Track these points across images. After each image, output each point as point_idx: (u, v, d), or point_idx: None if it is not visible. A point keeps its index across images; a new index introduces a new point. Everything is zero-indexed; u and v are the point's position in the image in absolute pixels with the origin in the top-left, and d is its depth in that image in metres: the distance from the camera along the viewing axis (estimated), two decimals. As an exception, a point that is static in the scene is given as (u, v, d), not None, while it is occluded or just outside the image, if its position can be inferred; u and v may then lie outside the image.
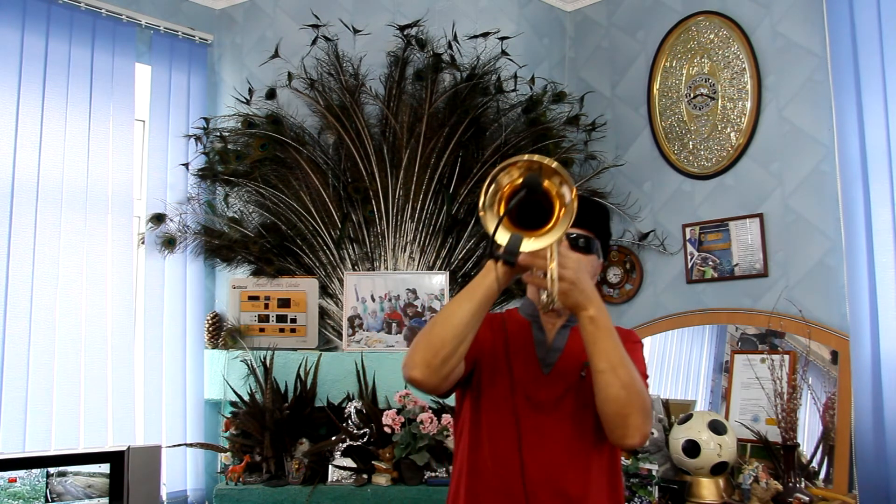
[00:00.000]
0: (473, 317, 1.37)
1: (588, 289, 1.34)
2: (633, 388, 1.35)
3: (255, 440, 2.68)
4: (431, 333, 1.38)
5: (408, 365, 1.39)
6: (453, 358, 1.38)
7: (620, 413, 1.35)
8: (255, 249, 3.11)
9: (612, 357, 1.34)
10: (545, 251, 1.29)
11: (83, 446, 2.72)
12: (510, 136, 3.19)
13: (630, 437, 1.36)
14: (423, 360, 1.37)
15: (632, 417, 1.35)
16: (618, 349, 1.35)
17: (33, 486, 2.25)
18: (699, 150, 3.11)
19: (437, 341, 1.37)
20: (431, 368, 1.37)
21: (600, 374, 1.35)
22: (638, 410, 1.35)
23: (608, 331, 1.35)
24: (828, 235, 2.70)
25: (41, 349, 2.71)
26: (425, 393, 1.48)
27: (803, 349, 2.63)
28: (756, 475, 2.41)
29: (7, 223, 2.69)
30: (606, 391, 1.35)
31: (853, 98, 2.52)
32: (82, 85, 2.92)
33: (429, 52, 3.18)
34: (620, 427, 1.36)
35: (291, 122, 3.20)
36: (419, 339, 1.40)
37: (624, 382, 1.34)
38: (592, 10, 3.58)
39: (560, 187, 1.29)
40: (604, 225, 1.62)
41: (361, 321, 2.95)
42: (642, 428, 1.36)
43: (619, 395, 1.34)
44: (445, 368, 1.38)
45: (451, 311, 1.38)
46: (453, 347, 1.36)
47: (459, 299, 1.38)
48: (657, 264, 3.21)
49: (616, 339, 1.36)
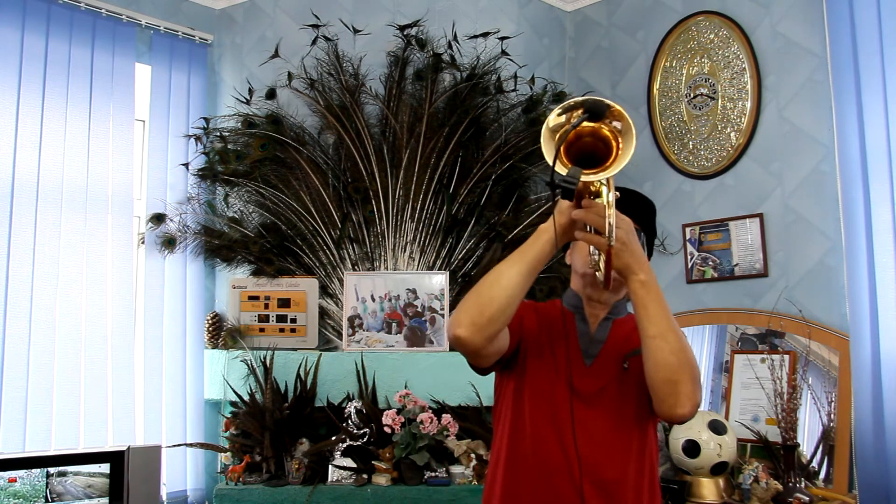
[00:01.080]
0: (524, 278, 1.35)
1: (639, 252, 1.32)
2: (684, 355, 1.33)
3: (255, 440, 2.68)
4: (479, 293, 1.36)
5: (453, 323, 1.37)
6: (500, 319, 1.36)
7: (671, 380, 1.32)
8: (255, 249, 3.11)
9: (662, 323, 1.32)
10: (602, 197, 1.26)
11: (83, 446, 2.72)
12: (510, 136, 3.19)
13: (681, 405, 1.33)
14: (469, 319, 1.35)
15: (682, 385, 1.32)
16: (667, 315, 1.33)
17: (33, 486, 2.25)
18: (699, 150, 3.11)
19: (484, 299, 1.35)
20: (476, 326, 1.35)
21: (651, 340, 1.33)
22: (688, 377, 1.32)
23: (658, 296, 1.33)
24: (828, 235, 2.70)
25: (41, 349, 2.71)
26: (468, 356, 1.46)
27: (803, 349, 2.63)
28: (756, 475, 2.41)
29: (7, 223, 2.68)
30: (657, 356, 1.33)
31: (853, 98, 2.52)
32: (82, 85, 2.92)
33: (429, 52, 3.18)
34: (672, 395, 1.33)
35: (291, 122, 3.20)
36: (467, 299, 1.38)
37: (674, 348, 1.32)
38: (592, 10, 3.58)
39: (618, 128, 1.25)
40: (650, 221, 1.61)
41: (361, 321, 2.95)
42: (693, 396, 1.33)
43: (669, 361, 1.32)
44: (491, 329, 1.36)
45: (500, 272, 1.36)
46: (500, 307, 1.34)
47: (510, 260, 1.37)
48: (657, 264, 3.21)
49: (666, 306, 1.34)
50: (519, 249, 1.38)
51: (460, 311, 1.38)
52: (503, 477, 1.53)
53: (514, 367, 1.55)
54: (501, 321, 1.37)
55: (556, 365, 1.52)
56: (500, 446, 1.57)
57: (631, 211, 1.43)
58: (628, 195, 1.54)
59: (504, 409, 1.58)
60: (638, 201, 1.58)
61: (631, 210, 1.43)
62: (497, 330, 1.38)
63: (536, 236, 1.37)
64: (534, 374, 1.53)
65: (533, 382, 1.53)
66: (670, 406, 1.34)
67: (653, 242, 1.62)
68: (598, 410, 1.49)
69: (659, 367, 1.33)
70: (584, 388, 1.50)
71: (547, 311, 1.60)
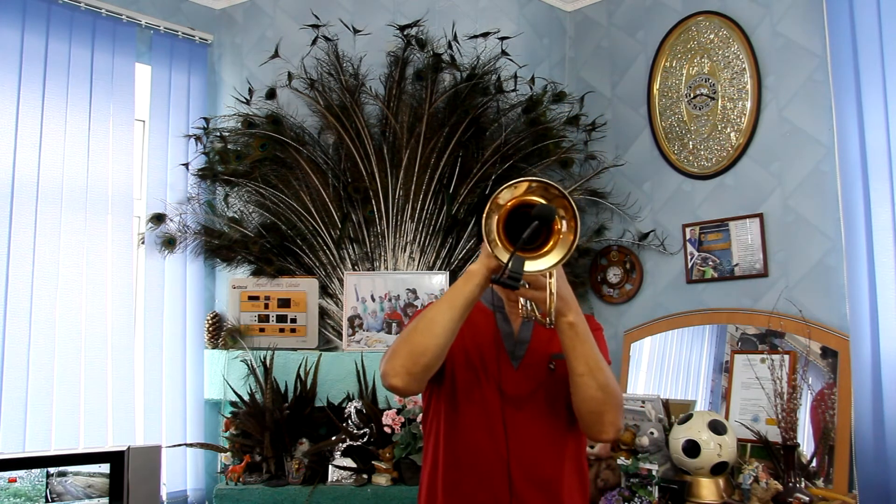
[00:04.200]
0: (455, 324, 1.39)
1: (567, 295, 1.37)
2: (609, 389, 1.41)
3: (255, 440, 2.68)
4: (412, 341, 1.39)
5: (388, 373, 1.40)
6: (435, 365, 1.41)
7: (597, 411, 1.42)
8: (255, 249, 3.11)
9: (591, 361, 1.39)
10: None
11: (83, 446, 2.72)
12: (510, 136, 3.19)
13: (605, 432, 1.45)
14: (404, 369, 1.39)
15: (607, 415, 1.42)
16: (594, 352, 1.40)
17: (33, 486, 2.25)
18: (699, 150, 3.11)
19: (418, 349, 1.38)
20: (412, 376, 1.39)
21: (579, 377, 1.40)
22: (613, 408, 1.43)
23: (586, 335, 1.39)
24: (828, 235, 2.70)
25: (41, 349, 2.70)
26: (402, 396, 1.52)
27: (803, 349, 2.63)
28: (756, 475, 2.40)
29: (7, 223, 2.68)
30: (584, 392, 1.41)
31: (853, 98, 2.52)
32: (82, 85, 2.92)
33: (429, 52, 3.18)
34: (597, 423, 1.44)
35: (291, 122, 3.20)
36: (399, 347, 1.40)
37: (600, 384, 1.40)
38: (592, 10, 3.58)
39: (562, 210, 1.30)
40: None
41: (361, 321, 2.95)
42: (616, 423, 1.45)
43: (596, 396, 1.40)
44: (427, 375, 1.41)
45: (431, 319, 1.39)
46: (434, 355, 1.39)
47: (440, 307, 1.39)
48: (657, 264, 3.21)
49: (592, 343, 1.41)
50: (448, 294, 1.40)
51: (394, 359, 1.40)
52: (444, 484, 1.56)
53: (444, 379, 1.58)
54: (436, 366, 1.41)
55: (484, 370, 1.56)
56: (436, 453, 1.60)
57: None
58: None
59: (436, 416, 1.61)
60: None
61: None
62: (432, 374, 1.43)
63: (466, 279, 1.39)
64: (463, 382, 1.57)
65: (463, 389, 1.56)
66: (596, 432, 1.46)
67: None
68: (530, 412, 1.54)
69: (586, 401, 1.42)
70: (513, 391, 1.55)
71: (471, 314, 1.62)
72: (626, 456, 2.54)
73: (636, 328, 3.20)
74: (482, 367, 1.56)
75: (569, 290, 1.39)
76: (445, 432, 1.57)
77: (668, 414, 2.69)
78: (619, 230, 3.33)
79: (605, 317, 3.35)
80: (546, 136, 3.26)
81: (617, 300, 3.32)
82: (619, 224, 3.33)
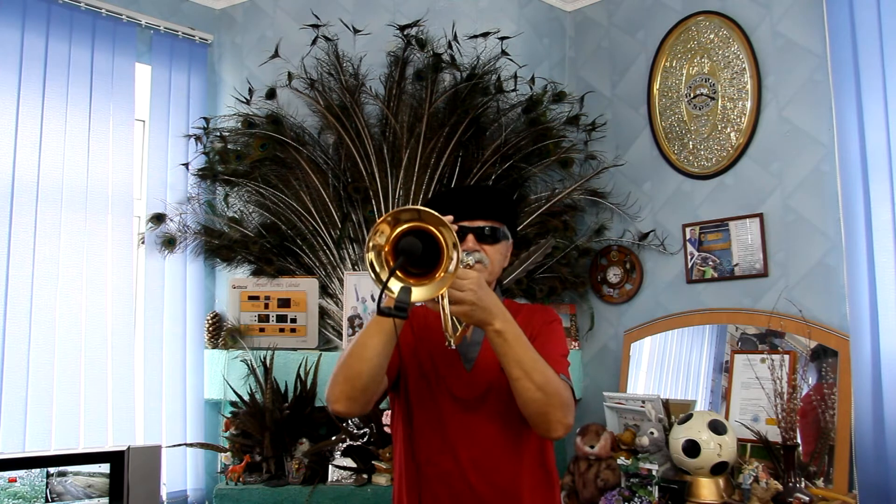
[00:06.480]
0: (385, 346, 1.40)
1: (490, 304, 1.36)
2: (549, 388, 1.39)
3: (255, 440, 2.68)
4: (348, 366, 1.41)
5: (330, 400, 1.43)
6: (372, 385, 1.43)
7: (541, 412, 1.41)
8: (255, 249, 3.11)
9: (525, 363, 1.38)
10: None
11: (83, 446, 2.72)
12: (510, 136, 3.19)
13: (554, 430, 1.43)
14: (343, 394, 1.42)
15: (552, 414, 1.41)
16: (528, 354, 1.39)
17: (33, 486, 2.25)
18: (699, 150, 3.11)
19: (353, 373, 1.40)
20: (353, 399, 1.42)
21: (516, 381, 1.40)
22: (557, 407, 1.41)
23: (517, 338, 1.39)
24: (828, 235, 2.70)
25: (41, 349, 2.70)
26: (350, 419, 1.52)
27: (803, 349, 2.63)
28: (756, 475, 2.40)
29: (7, 223, 2.68)
30: (524, 396, 1.40)
31: (853, 98, 2.52)
32: (82, 85, 2.92)
33: (429, 52, 3.18)
34: (544, 423, 1.42)
35: (291, 122, 3.20)
36: (337, 373, 1.43)
37: (539, 384, 1.38)
38: (592, 10, 3.58)
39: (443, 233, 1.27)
40: (507, 209, 1.65)
41: (361, 321, 2.95)
42: (564, 420, 1.42)
43: (536, 398, 1.39)
44: (366, 396, 1.43)
45: (363, 344, 1.40)
46: (371, 377, 1.41)
47: (369, 331, 1.40)
48: (657, 264, 3.21)
49: (525, 344, 1.40)
50: (376, 319, 1.40)
51: (333, 386, 1.43)
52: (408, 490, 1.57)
53: (400, 386, 1.60)
54: (374, 385, 1.43)
55: (437, 374, 1.57)
56: (399, 460, 1.62)
57: (486, 209, 1.54)
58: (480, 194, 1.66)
59: (398, 423, 1.62)
60: (490, 197, 1.64)
61: (486, 208, 1.54)
62: (373, 392, 1.45)
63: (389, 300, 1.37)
64: (416, 389, 1.58)
65: (416, 396, 1.57)
66: (544, 431, 1.44)
67: (515, 226, 1.68)
68: (484, 414, 1.54)
69: (528, 403, 1.41)
70: (466, 394, 1.55)
71: (423, 316, 1.64)
72: (626, 456, 2.55)
73: (636, 328, 3.20)
74: (434, 372, 1.57)
75: (490, 297, 1.36)
76: (405, 438, 1.59)
77: (668, 414, 2.69)
78: (619, 230, 3.33)
79: (605, 317, 3.35)
80: (546, 136, 3.26)
81: (617, 300, 3.32)
82: (619, 224, 3.33)
